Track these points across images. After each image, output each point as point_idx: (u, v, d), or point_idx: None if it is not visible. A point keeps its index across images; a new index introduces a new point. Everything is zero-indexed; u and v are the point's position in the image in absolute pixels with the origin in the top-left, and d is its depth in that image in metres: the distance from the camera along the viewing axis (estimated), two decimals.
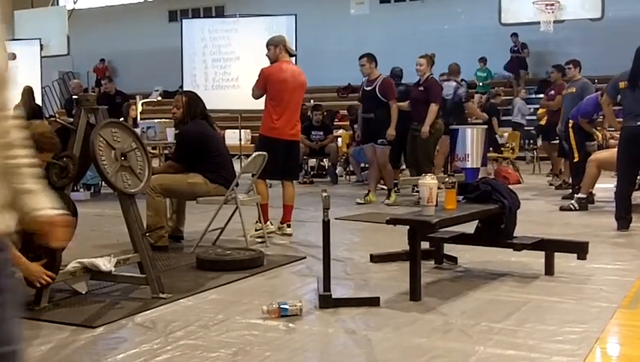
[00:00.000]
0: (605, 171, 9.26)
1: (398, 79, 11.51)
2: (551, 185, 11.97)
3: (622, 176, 7.68)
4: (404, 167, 11.72)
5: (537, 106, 16.23)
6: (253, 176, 7.07)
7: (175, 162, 6.84)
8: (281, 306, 4.32)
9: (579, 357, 3.62)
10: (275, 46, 7.32)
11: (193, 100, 6.95)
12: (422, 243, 4.98)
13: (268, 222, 7.24)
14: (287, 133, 7.27)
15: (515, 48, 21.25)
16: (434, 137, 9.97)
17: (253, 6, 22.03)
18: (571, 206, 8.90)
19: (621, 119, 7.79)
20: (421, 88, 9.97)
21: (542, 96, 18.53)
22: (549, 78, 14.45)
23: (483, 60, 21.21)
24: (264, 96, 7.32)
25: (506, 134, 15.04)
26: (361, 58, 10.01)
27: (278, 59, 7.31)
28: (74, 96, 13.57)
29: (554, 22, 14.08)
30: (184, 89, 12.10)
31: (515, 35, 20.89)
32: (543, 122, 15.10)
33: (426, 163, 9.80)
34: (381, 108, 9.78)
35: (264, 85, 7.25)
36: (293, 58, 7.61)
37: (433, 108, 9.79)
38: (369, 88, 9.92)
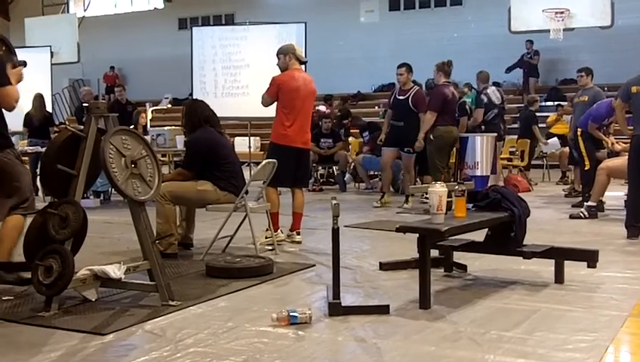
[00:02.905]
0: (615, 179, 9.24)
1: (431, 91, 11.65)
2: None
3: (633, 185, 7.65)
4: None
5: (548, 114, 16.18)
6: (263, 183, 7.07)
7: (184, 170, 6.84)
8: (291, 314, 4.32)
9: None
10: (285, 54, 7.33)
11: (191, 110, 6.96)
12: (431, 251, 4.97)
13: (278, 231, 7.24)
14: (298, 141, 7.28)
15: (529, 55, 21.19)
16: (435, 145, 9.97)
17: (263, 14, 22.11)
18: (581, 214, 8.88)
19: (631, 126, 7.75)
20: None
21: (550, 104, 18.55)
22: (559, 87, 14.39)
23: (468, 86, 20.67)
24: (274, 104, 7.33)
25: (549, 141, 14.85)
26: (400, 67, 10.38)
27: (288, 67, 7.32)
28: (84, 104, 13.63)
29: (564, 30, 14.05)
30: (194, 97, 12.16)
31: (530, 41, 20.83)
32: (554, 130, 15.06)
33: (432, 170, 9.94)
34: (411, 118, 10.12)
35: (276, 93, 7.24)
36: (303, 65, 7.60)
37: (426, 117, 9.98)
38: (402, 98, 10.29)
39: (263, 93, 7.40)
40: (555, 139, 14.77)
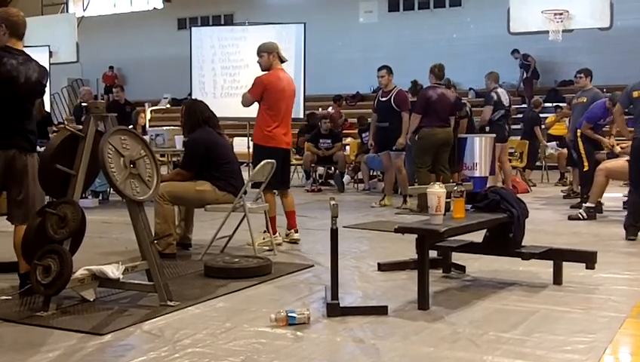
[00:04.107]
0: (614, 180, 9.24)
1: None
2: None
3: (634, 186, 7.65)
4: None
5: (547, 115, 16.16)
6: (261, 183, 6.97)
7: (183, 170, 6.83)
8: (289, 314, 4.32)
9: None
10: (269, 53, 7.18)
11: (190, 110, 6.94)
12: (430, 251, 4.97)
13: (276, 234, 7.21)
14: (284, 142, 7.24)
15: (521, 63, 21.15)
16: (417, 146, 9.96)
17: (262, 14, 22.10)
18: (580, 215, 8.88)
19: (632, 128, 7.78)
20: None
21: (549, 105, 18.54)
22: (558, 88, 14.37)
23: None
24: (255, 104, 7.20)
25: (549, 144, 14.88)
26: (380, 70, 10.55)
27: (271, 66, 7.17)
28: (83, 104, 13.63)
29: (563, 31, 14.05)
30: (193, 97, 12.13)
31: (516, 51, 20.86)
32: (553, 131, 15.07)
33: (415, 171, 9.95)
34: (395, 118, 10.25)
35: (261, 94, 7.08)
36: (284, 64, 7.40)
37: (410, 119, 10.06)
38: (384, 99, 10.47)
39: (245, 92, 7.27)
40: (554, 143, 14.79)
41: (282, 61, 7.29)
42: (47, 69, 5.37)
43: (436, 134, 9.89)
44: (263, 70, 7.23)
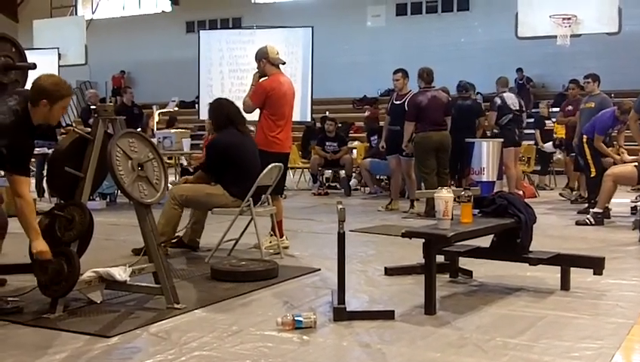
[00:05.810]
0: (621, 186, 9.21)
1: (464, 92, 11.66)
2: (562, 195, 12.00)
3: None
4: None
5: (554, 120, 16.15)
6: (265, 188, 6.92)
7: (204, 172, 6.86)
8: (296, 318, 4.31)
9: None
10: (258, 60, 7.13)
11: (214, 110, 6.95)
12: (437, 256, 4.97)
13: (283, 237, 7.18)
14: (287, 146, 7.24)
15: (521, 82, 21.08)
16: (416, 152, 9.98)
17: (270, 18, 22.13)
18: (587, 220, 8.85)
19: None
20: None
21: (556, 110, 18.52)
22: (566, 93, 14.37)
23: None
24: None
25: (548, 144, 14.89)
26: (396, 73, 10.57)
27: (266, 73, 7.12)
28: (91, 106, 13.67)
29: (570, 36, 14.03)
30: (200, 100, 12.16)
31: (520, 70, 20.85)
32: (559, 134, 15.06)
33: (422, 178, 9.92)
34: None
35: (264, 100, 7.03)
36: (287, 67, 7.36)
37: (404, 127, 10.05)
38: (398, 102, 10.44)
39: (246, 98, 7.18)
40: (550, 144, 14.75)
41: (274, 64, 7.18)
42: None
43: (430, 137, 9.84)
44: (261, 76, 7.19)
